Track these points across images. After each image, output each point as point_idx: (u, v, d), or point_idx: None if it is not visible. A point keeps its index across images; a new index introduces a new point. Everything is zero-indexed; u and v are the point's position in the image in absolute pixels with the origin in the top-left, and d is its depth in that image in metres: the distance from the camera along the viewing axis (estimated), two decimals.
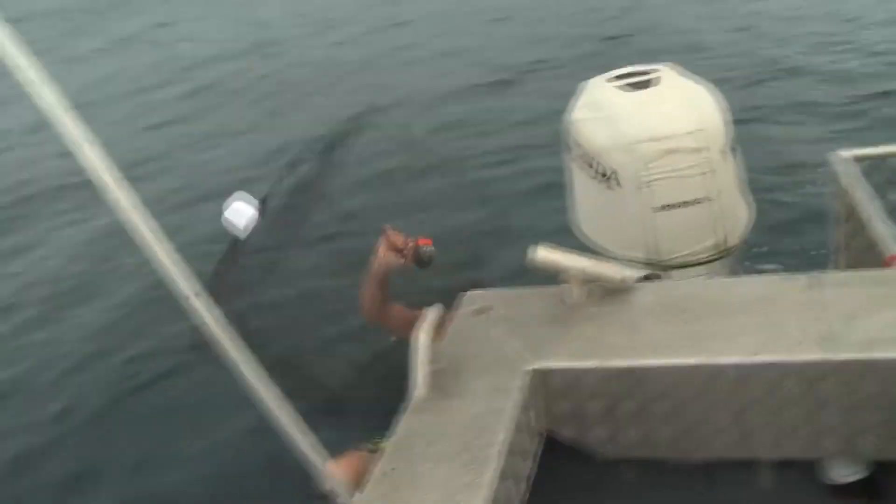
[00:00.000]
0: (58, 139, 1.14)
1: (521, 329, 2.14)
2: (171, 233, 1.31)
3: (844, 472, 1.97)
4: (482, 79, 8.95)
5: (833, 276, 2.12)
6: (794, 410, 1.85)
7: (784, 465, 1.94)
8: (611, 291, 2.19)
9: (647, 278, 2.47)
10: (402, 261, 2.62)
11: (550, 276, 2.15)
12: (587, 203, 3.03)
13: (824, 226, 3.14)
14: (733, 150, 2.88)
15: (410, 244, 2.62)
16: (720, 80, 3.11)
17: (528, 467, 1.93)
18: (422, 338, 1.98)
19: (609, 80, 3.01)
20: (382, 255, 2.64)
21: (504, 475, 1.74)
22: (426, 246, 2.62)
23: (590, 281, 2.17)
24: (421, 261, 2.61)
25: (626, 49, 9.13)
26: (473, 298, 2.35)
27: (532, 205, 5.99)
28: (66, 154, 1.17)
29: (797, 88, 7.39)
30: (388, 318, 2.80)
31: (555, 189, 3.43)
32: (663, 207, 2.72)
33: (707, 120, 2.80)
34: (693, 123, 2.76)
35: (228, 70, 11.51)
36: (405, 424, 1.91)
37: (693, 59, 7.20)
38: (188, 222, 6.52)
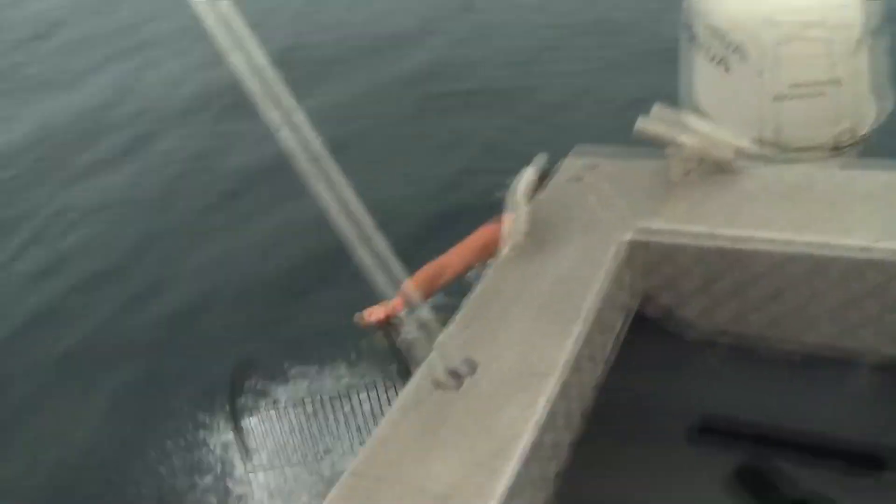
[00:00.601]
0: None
1: (624, 196, 2.08)
2: None
3: None
4: None
5: None
6: None
7: (877, 370, 1.87)
8: (718, 171, 2.08)
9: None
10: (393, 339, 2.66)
11: (659, 147, 2.06)
12: (705, 80, 2.86)
13: None
14: (876, 36, 2.66)
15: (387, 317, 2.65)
16: None
17: (616, 331, 1.92)
18: (519, 194, 1.95)
19: None
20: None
21: (592, 335, 1.73)
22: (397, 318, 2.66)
23: (699, 156, 2.07)
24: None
25: None
26: (582, 152, 2.31)
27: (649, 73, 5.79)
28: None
29: None
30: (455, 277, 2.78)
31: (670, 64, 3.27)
32: (790, 88, 2.55)
33: None
34: (834, 1, 2.55)
35: None
36: (494, 275, 1.90)
37: None
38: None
